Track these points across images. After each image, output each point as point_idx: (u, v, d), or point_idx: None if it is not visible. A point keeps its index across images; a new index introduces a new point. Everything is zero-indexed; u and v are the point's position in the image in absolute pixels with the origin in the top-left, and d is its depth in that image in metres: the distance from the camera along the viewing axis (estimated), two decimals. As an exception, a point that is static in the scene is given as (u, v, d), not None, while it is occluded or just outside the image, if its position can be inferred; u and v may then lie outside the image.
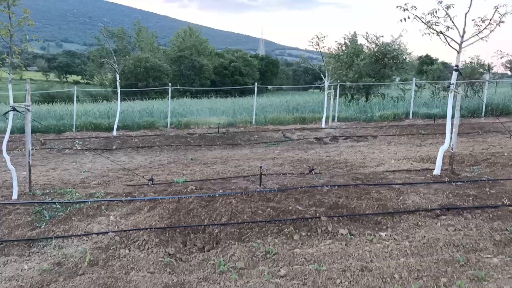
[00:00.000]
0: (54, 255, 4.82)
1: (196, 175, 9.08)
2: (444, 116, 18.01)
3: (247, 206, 5.90)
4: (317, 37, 16.60)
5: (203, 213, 5.77)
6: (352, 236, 5.11)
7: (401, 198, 6.26)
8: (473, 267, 4.12)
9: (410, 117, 19.21)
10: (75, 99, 18.02)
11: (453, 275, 3.97)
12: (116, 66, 15.38)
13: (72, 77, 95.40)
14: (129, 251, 4.85)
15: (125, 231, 5.34)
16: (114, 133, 15.43)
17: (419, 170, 8.22)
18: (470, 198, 6.24)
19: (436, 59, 40.18)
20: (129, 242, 5.06)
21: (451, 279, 3.91)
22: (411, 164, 9.51)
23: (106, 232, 5.32)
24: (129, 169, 9.72)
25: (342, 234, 5.16)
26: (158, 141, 13.95)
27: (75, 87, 18.62)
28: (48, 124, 16.89)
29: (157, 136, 14.71)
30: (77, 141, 13.58)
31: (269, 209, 5.87)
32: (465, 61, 24.78)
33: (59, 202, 6.17)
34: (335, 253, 4.61)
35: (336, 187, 6.67)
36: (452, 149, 7.42)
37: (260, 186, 6.82)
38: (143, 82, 44.62)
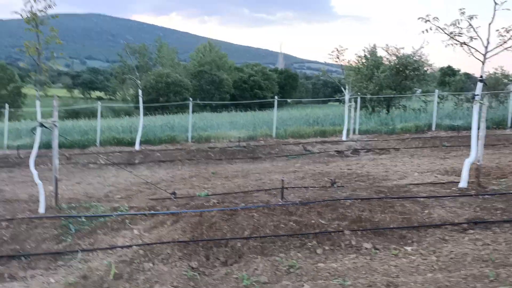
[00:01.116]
0: (80, 268, 4.88)
1: (217, 188, 9.11)
2: (468, 128, 17.66)
3: (269, 220, 5.88)
4: (337, 50, 16.62)
5: (225, 227, 5.77)
6: (376, 251, 5.02)
7: (426, 211, 6.15)
8: (504, 282, 4.00)
9: (433, 129, 18.90)
10: (99, 114, 18.37)
11: (483, 291, 3.86)
12: (139, 81, 15.67)
13: (95, 93, 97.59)
14: (153, 264, 4.87)
15: (148, 244, 5.38)
16: (137, 147, 15.65)
17: (444, 183, 8.06)
18: (498, 211, 6.07)
19: (458, 70, 39.71)
20: (152, 255, 5.09)
21: (481, 295, 3.80)
22: (435, 177, 9.33)
23: (130, 246, 5.37)
24: (152, 183, 9.82)
25: (366, 249, 5.08)
26: (180, 155, 14.07)
27: (99, 102, 19.01)
28: (73, 139, 17.24)
29: (178, 150, 14.85)
30: (101, 156, 13.81)
31: (291, 222, 5.84)
32: (489, 71, 24.35)
33: (84, 216, 6.27)
34: (359, 267, 4.53)
35: (359, 200, 6.60)
36: (478, 162, 7.27)
37: (282, 200, 6.80)
38: (164, 97, 45.25)
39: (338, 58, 16.60)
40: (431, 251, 4.97)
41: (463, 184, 7.22)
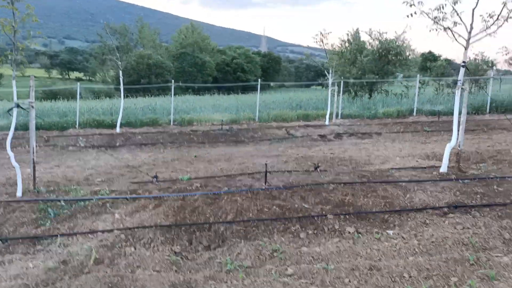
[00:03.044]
0: (60, 253, 4.78)
1: (200, 172, 9.03)
2: (448, 113, 17.94)
3: (252, 204, 5.86)
4: (321, 33, 16.55)
5: (208, 211, 5.73)
6: (359, 235, 5.05)
7: (408, 196, 6.21)
8: (484, 266, 4.07)
9: (414, 114, 19.12)
10: (78, 96, 17.97)
11: (463, 274, 3.92)
12: (120, 62, 15.33)
13: (74, 74, 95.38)
14: (135, 249, 4.81)
15: (130, 228, 5.30)
16: (117, 130, 15.40)
17: (425, 168, 8.16)
18: (478, 196, 6.18)
19: (440, 56, 39.97)
20: (134, 240, 5.02)
21: (461, 278, 3.85)
22: (417, 161, 9.44)
23: (112, 230, 5.29)
24: (133, 166, 9.69)
25: (349, 233, 5.11)
26: (162, 138, 13.90)
27: (78, 84, 18.56)
28: (51, 121, 16.84)
29: (160, 133, 14.67)
30: (80, 138, 13.55)
31: (274, 207, 5.83)
32: (470, 57, 24.65)
33: (64, 200, 6.14)
34: (342, 251, 4.56)
35: (342, 184, 6.63)
36: (459, 147, 7.36)
37: (265, 184, 6.78)
38: (146, 79, 44.59)
39: (322, 41, 16.52)
40: (413, 234, 5.03)
41: (444, 168, 7.31)
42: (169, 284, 3.93)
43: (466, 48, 7.04)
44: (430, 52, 43.58)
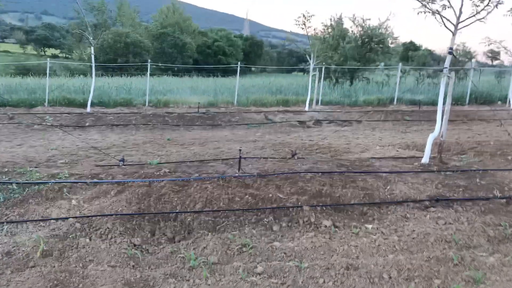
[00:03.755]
0: (5, 242, 4.27)
1: (172, 156, 8.55)
2: (429, 103, 17.83)
3: (224, 193, 5.44)
4: (303, 16, 16.00)
5: (176, 199, 5.29)
6: (336, 229, 4.70)
7: (388, 187, 5.89)
8: (468, 266, 3.77)
9: (395, 102, 18.94)
10: (47, 71, 17.07)
11: (447, 276, 3.61)
12: (91, 37, 14.54)
13: (50, 51, 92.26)
14: (90, 240, 4.34)
15: (87, 217, 4.82)
16: (88, 109, 14.68)
17: (405, 158, 7.88)
18: (460, 189, 5.91)
19: (420, 46, 39.98)
20: (90, 230, 4.55)
21: (445, 280, 3.55)
22: (397, 151, 9.18)
23: (66, 218, 4.80)
24: (101, 148, 9.13)
25: (325, 226, 4.75)
26: (135, 119, 13.29)
27: (48, 59, 17.65)
28: (19, 98, 15.96)
29: (133, 114, 14.05)
30: (47, 117, 12.83)
31: (247, 196, 5.42)
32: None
33: (16, 183, 5.59)
34: (318, 247, 4.19)
35: (320, 174, 6.26)
36: (441, 137, 7.07)
37: (239, 171, 6.37)
38: (123, 58, 43.26)
39: (304, 24, 16.00)
40: (393, 229, 4.71)
41: (425, 159, 7.03)
42: (123, 282, 3.50)
43: (454, 34, 6.71)
44: (411, 42, 43.56)
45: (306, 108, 16.34)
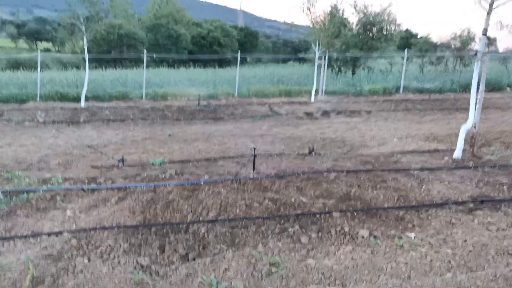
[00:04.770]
0: (-12, 266, 3.59)
1: (175, 154, 7.86)
2: (436, 91, 17.17)
3: (239, 197, 4.78)
4: (308, 1, 15.19)
5: (186, 206, 4.62)
6: (376, 240, 4.04)
7: (424, 187, 5.24)
8: (547, 288, 3.13)
9: (401, 91, 18.25)
10: (39, 65, 16.24)
11: (526, 302, 2.96)
12: (83, 28, 13.73)
13: (42, 44, 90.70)
14: (89, 261, 3.66)
15: (85, 230, 4.14)
16: (82, 104, 13.92)
17: (432, 152, 7.22)
18: (504, 187, 5.27)
19: (416, 34, 39.20)
20: (89, 247, 3.87)
21: (526, 309, 2.90)
22: (417, 143, 8.53)
23: (60, 233, 4.11)
24: (97, 146, 8.43)
25: (363, 237, 4.09)
26: (132, 114, 12.57)
27: (39, 51, 16.81)
28: (10, 93, 15.14)
29: (130, 108, 13.32)
30: (39, 113, 12.07)
31: (266, 200, 4.76)
32: (456, 33, 23.92)
33: (1, 191, 4.89)
34: (360, 266, 3.53)
35: (344, 173, 5.61)
36: (475, 128, 6.42)
37: (253, 172, 5.69)
38: (117, 50, 42.25)
39: (309, 10, 15.22)
40: (441, 239, 4.05)
41: (458, 154, 6.39)
42: (132, 319, 2.83)
43: (488, 13, 6.03)
44: (407, 31, 42.77)
45: (312, 99, 15.64)
